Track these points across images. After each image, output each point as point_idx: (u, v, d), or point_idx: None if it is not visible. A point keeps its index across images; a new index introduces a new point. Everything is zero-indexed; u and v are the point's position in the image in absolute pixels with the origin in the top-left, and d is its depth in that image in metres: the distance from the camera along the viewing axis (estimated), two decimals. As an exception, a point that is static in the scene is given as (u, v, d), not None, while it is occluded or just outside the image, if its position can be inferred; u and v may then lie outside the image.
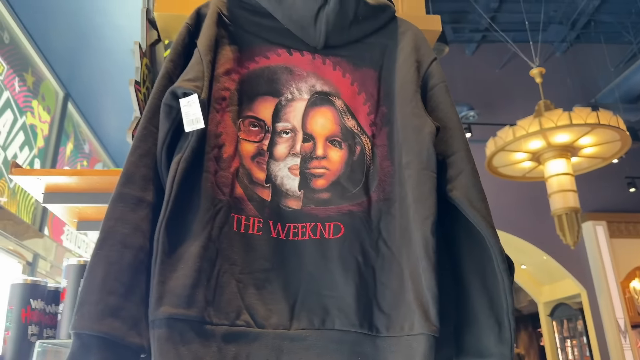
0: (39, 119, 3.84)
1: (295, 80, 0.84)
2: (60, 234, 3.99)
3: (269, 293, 0.72)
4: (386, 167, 0.80)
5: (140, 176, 0.71)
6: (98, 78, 4.36)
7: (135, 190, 0.70)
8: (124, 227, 0.68)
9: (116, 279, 0.65)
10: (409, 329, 0.67)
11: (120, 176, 0.71)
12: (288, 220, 0.77)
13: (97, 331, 0.62)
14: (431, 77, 0.84)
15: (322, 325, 0.71)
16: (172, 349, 0.62)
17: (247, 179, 0.77)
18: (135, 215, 0.69)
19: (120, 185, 0.70)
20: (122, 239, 0.67)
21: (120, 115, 4.99)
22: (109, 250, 0.66)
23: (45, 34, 3.79)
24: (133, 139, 1.24)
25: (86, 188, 1.23)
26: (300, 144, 0.81)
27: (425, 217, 0.70)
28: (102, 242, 0.67)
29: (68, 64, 4.15)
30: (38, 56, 3.84)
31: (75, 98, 4.49)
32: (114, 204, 0.69)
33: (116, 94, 4.59)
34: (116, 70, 4.26)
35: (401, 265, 0.73)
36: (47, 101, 4.01)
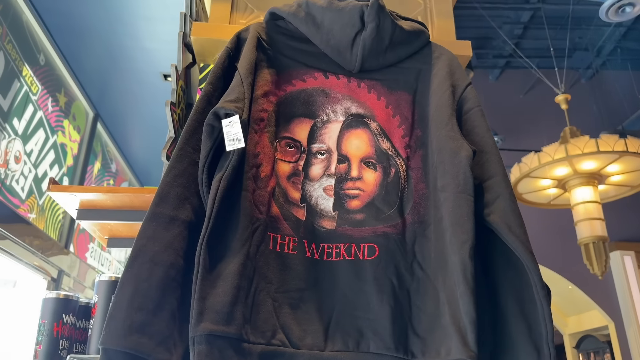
0: (69, 138, 3.94)
1: (331, 103, 0.85)
2: (84, 252, 4.05)
3: (303, 313, 0.72)
4: (421, 190, 0.80)
5: (175, 195, 0.73)
6: (126, 99, 4.48)
7: (169, 209, 0.72)
8: (154, 245, 0.69)
9: (145, 296, 0.66)
10: (446, 354, 0.66)
11: (154, 196, 0.73)
12: (322, 240, 0.77)
13: (123, 347, 0.63)
14: (466, 101, 0.84)
15: (357, 348, 0.70)
16: None
17: (283, 199, 0.78)
18: (167, 233, 0.70)
19: (154, 205, 0.72)
20: (153, 257, 0.68)
21: (147, 136, 5.10)
22: (139, 268, 0.68)
23: (78, 56, 3.92)
24: (169, 159, 1.27)
25: (119, 205, 1.26)
26: (335, 165, 0.82)
27: (463, 241, 0.69)
28: (133, 260, 0.68)
29: (99, 85, 4.27)
30: (71, 77, 3.96)
31: (105, 118, 4.61)
32: (147, 223, 0.71)
33: (143, 115, 4.70)
34: (144, 93, 4.37)
35: (437, 288, 0.72)
36: (77, 121, 4.13)
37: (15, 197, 3.08)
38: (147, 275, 0.67)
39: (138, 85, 4.29)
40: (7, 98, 3.08)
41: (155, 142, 5.15)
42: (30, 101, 3.33)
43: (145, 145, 5.38)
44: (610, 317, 6.63)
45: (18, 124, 3.15)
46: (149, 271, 0.67)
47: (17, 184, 3.15)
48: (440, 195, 0.76)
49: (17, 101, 3.15)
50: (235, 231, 0.71)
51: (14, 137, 3.10)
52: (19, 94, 3.18)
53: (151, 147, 5.34)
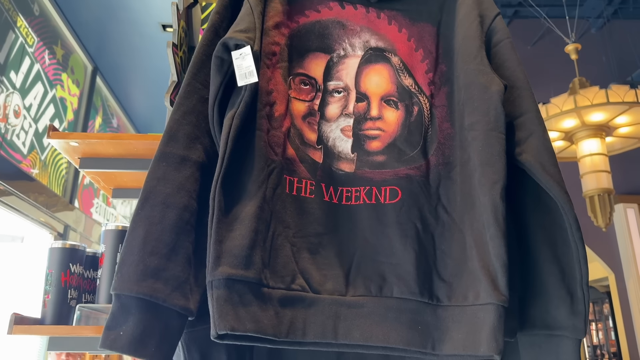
0: (68, 92, 3.86)
1: (348, 35, 0.79)
2: (89, 207, 4.04)
3: (322, 258, 0.69)
4: (446, 129, 0.75)
5: (184, 134, 0.68)
6: (126, 52, 4.36)
7: (179, 149, 0.67)
8: (166, 187, 0.65)
9: (158, 239, 0.63)
10: (474, 299, 0.63)
11: (163, 135, 0.68)
12: (341, 183, 0.73)
13: (136, 292, 0.60)
14: (495, 32, 0.78)
15: (380, 293, 0.67)
16: (231, 311, 0.59)
17: (298, 140, 0.73)
18: (179, 174, 0.66)
19: (163, 144, 0.67)
20: (164, 199, 0.64)
21: (148, 90, 5.00)
22: (151, 210, 0.64)
23: (74, 6, 3.78)
24: (172, 104, 1.21)
25: (122, 153, 1.21)
26: (354, 103, 0.76)
27: (494, 181, 0.65)
28: (143, 202, 0.64)
29: (96, 37, 4.15)
30: (67, 28, 3.84)
31: (104, 72, 4.50)
32: (157, 164, 0.66)
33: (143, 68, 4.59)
34: (144, 44, 4.25)
35: (463, 232, 0.68)
36: (76, 74, 4.03)
37: (17, 152, 3.03)
38: (159, 218, 0.63)
39: (137, 37, 4.16)
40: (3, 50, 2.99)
41: (157, 96, 5.05)
42: (26, 53, 3.23)
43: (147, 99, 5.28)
44: (611, 269, 6.69)
45: (15, 77, 3.07)
46: (161, 214, 0.63)
47: (18, 138, 3.10)
48: (467, 135, 0.71)
49: (13, 53, 3.05)
50: (250, 173, 0.66)
51: (12, 91, 3.03)
52: (15, 46, 3.08)
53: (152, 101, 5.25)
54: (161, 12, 3.85)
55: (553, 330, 0.66)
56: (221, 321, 0.59)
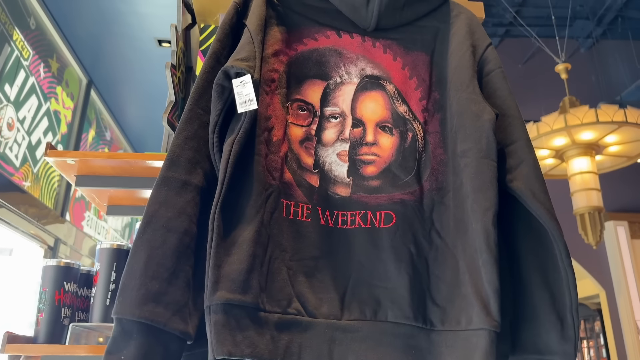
0: (62, 105, 3.86)
1: (345, 63, 0.81)
2: (81, 220, 4.02)
3: (318, 281, 0.70)
4: (439, 155, 0.77)
5: (186, 159, 0.69)
6: (120, 66, 4.38)
7: (181, 174, 0.68)
8: (167, 211, 0.66)
9: (159, 264, 0.64)
10: (467, 324, 0.64)
11: (165, 160, 0.69)
12: (337, 207, 0.74)
13: (137, 317, 0.61)
14: (487, 62, 0.80)
15: (374, 317, 0.68)
16: (228, 336, 0.60)
17: (295, 164, 0.75)
18: (180, 198, 0.67)
19: (165, 169, 0.69)
20: (166, 223, 0.65)
21: (141, 104, 5.01)
22: (152, 235, 0.65)
23: (70, 20, 3.81)
24: (170, 124, 1.22)
25: (118, 171, 1.22)
26: (350, 129, 0.78)
27: (486, 208, 0.66)
28: (145, 226, 0.65)
29: (91, 50, 4.17)
30: (62, 42, 3.86)
31: (98, 85, 4.52)
32: (158, 188, 0.67)
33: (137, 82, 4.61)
34: (138, 58, 4.27)
35: (456, 257, 0.70)
36: (70, 88, 4.04)
37: (9, 164, 3.03)
38: (160, 242, 0.64)
39: (132, 52, 4.18)
40: (-2, 63, 2.99)
41: (150, 110, 5.06)
42: (21, 66, 3.24)
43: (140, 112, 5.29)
44: (602, 286, 6.73)
45: (10, 90, 3.07)
46: (163, 238, 0.64)
47: (11, 151, 3.09)
48: (460, 161, 0.72)
49: (8, 66, 3.06)
50: (248, 197, 0.67)
51: (6, 104, 3.03)
52: (10, 58, 3.09)
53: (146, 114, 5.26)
54: (156, 27, 3.88)
55: (544, 355, 0.67)
56: (219, 346, 0.59)
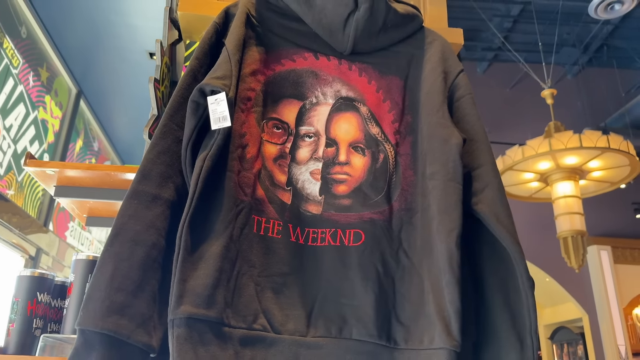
0: (50, 115, 3.86)
1: (321, 85, 0.83)
2: (64, 230, 3.98)
3: (286, 298, 0.71)
4: (409, 177, 0.79)
5: (158, 173, 0.70)
6: (111, 77, 4.39)
7: (151, 188, 0.69)
8: (136, 224, 0.67)
9: (125, 276, 0.64)
10: (429, 343, 0.66)
11: (136, 173, 0.70)
12: (308, 225, 0.76)
13: (100, 328, 0.61)
14: (458, 88, 0.83)
15: (339, 334, 0.69)
16: (190, 350, 0.61)
17: (268, 181, 0.76)
18: (149, 212, 0.68)
19: (136, 183, 0.70)
20: (134, 236, 0.66)
21: (130, 115, 5.02)
22: (120, 247, 0.66)
23: (61, 30, 3.82)
24: (151, 137, 1.24)
25: (98, 183, 1.22)
26: (323, 148, 0.80)
27: (450, 229, 0.68)
28: (113, 238, 0.66)
29: (82, 61, 4.18)
30: (53, 52, 3.86)
31: (88, 95, 4.52)
32: (128, 201, 0.68)
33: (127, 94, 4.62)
34: (128, 70, 4.29)
35: (421, 277, 0.71)
36: (59, 97, 4.04)
37: (-7, 172, 3.01)
38: (127, 255, 0.65)
39: (123, 63, 4.20)
40: (-14, 71, 2.99)
41: (139, 122, 5.07)
42: (10, 74, 3.24)
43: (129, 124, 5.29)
44: (585, 310, 6.77)
45: (-3, 97, 3.06)
46: (130, 250, 0.65)
47: (-5, 159, 3.07)
48: (428, 183, 0.75)
49: (-3, 74, 3.06)
50: (218, 213, 0.69)
51: (-8, 111, 3.02)
52: (-1, 66, 3.09)
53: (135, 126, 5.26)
54: (148, 40, 3.91)
55: None
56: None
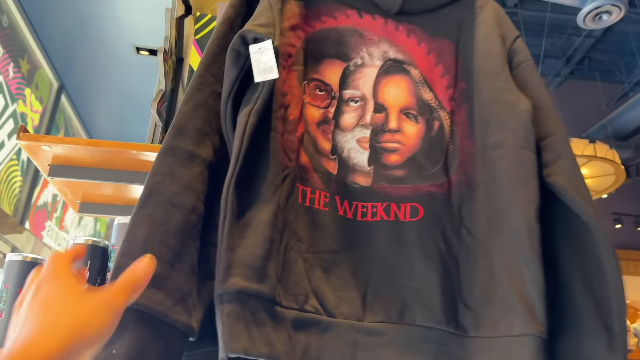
0: (30, 108, 3.69)
1: (367, 45, 0.75)
2: (41, 230, 3.80)
3: (336, 278, 0.61)
4: (467, 147, 0.70)
5: (194, 129, 0.61)
6: (95, 72, 4.24)
7: (188, 144, 0.60)
8: (172, 184, 0.57)
9: (161, 242, 0.54)
10: (507, 329, 0.57)
11: (170, 128, 0.61)
12: (356, 198, 0.67)
13: (134, 303, 0.50)
14: (516, 53, 0.75)
15: (401, 320, 0.60)
16: (243, 330, 0.51)
17: (312, 147, 0.67)
18: (187, 171, 0.59)
19: (171, 137, 0.60)
20: (170, 197, 0.56)
21: (113, 113, 4.86)
22: (154, 209, 0.56)
23: (45, 21, 3.67)
24: (159, 113, 1.13)
25: (99, 162, 1.11)
26: (371, 114, 0.71)
27: (527, 201, 0.60)
28: (146, 198, 0.56)
29: (65, 54, 4.02)
30: (35, 43, 3.71)
31: (70, 90, 4.36)
32: (163, 158, 0.59)
33: (111, 90, 4.47)
34: (113, 65, 4.15)
35: (490, 256, 0.63)
36: (40, 91, 3.87)
37: (-32, 165, 2.84)
38: (163, 219, 0.55)
39: (108, 58, 4.06)
40: (-36, 58, 2.84)
41: (122, 120, 4.91)
42: (-11, 63, 3.09)
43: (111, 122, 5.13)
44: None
45: (-25, 86, 2.91)
46: (166, 213, 0.55)
47: (-29, 151, 2.91)
48: (492, 153, 0.66)
49: (-25, 61, 2.90)
50: (264, 176, 0.59)
51: (-31, 100, 2.86)
52: (-22, 54, 2.94)
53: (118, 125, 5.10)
54: (135, 34, 3.78)
55: None
56: (233, 342, 0.50)
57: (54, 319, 0.40)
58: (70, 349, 0.39)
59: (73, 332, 0.40)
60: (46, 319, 0.40)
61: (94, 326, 0.41)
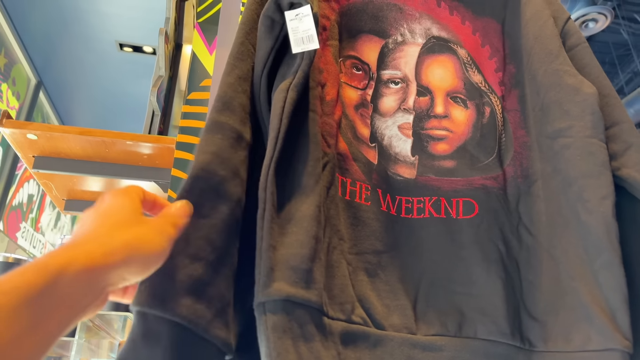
0: (6, 104, 3.52)
1: (407, 20, 0.67)
2: (15, 231, 3.63)
3: (383, 283, 0.53)
4: (521, 137, 0.63)
5: (240, 105, 0.52)
6: (75, 68, 4.08)
7: (235, 122, 0.50)
8: (221, 167, 0.47)
9: (206, 240, 0.45)
10: (583, 343, 0.49)
11: (215, 100, 0.51)
12: (399, 192, 0.59)
13: (172, 314, 0.41)
14: (570, 35, 0.68)
15: (459, 332, 0.52)
16: (291, 348, 0.41)
17: (350, 133, 0.59)
18: (235, 154, 0.49)
19: (217, 112, 0.50)
20: (218, 185, 0.47)
21: (94, 111, 4.70)
22: (200, 196, 0.46)
23: (24, 14, 3.51)
24: (159, 99, 1.03)
25: (90, 154, 1.01)
26: (414, 97, 0.63)
27: (602, 196, 0.52)
28: (192, 182, 0.46)
29: (45, 49, 3.86)
30: (13, 36, 3.55)
31: (48, 87, 4.19)
32: (210, 134, 0.49)
33: (92, 88, 4.31)
34: (96, 62, 4.00)
35: (554, 258, 0.55)
36: (17, 86, 3.70)
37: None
38: (209, 209, 0.45)
39: (89, 54, 3.91)
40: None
41: (102, 119, 4.74)
42: (-37, 55, 2.93)
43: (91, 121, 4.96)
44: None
45: (-52, 78, 2.74)
46: (212, 204, 0.46)
47: (-58, 147, 2.74)
48: (552, 144, 0.59)
49: (-51, 52, 2.75)
50: (305, 162, 0.50)
51: (-59, 93, 2.70)
52: (-48, 44, 2.78)
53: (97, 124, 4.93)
54: (119, 29, 3.65)
55: None
56: None
57: (109, 228, 0.37)
58: (117, 264, 0.35)
59: (126, 247, 0.36)
60: (102, 226, 0.37)
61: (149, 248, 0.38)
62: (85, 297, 0.33)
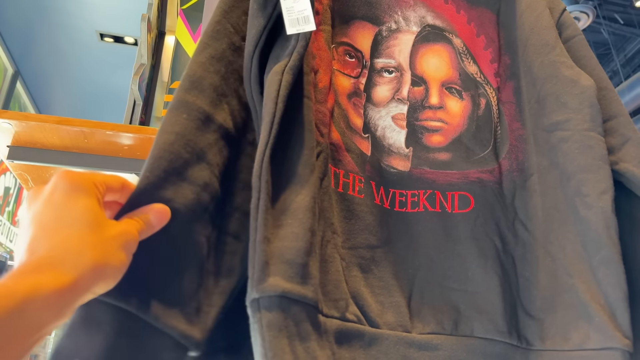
0: (-19, 94, 3.42)
1: (401, 7, 0.65)
2: (-9, 225, 3.53)
3: (376, 279, 0.51)
4: (517, 130, 0.61)
5: (211, 85, 0.49)
6: (54, 58, 3.98)
7: (204, 102, 0.48)
8: (184, 149, 0.45)
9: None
10: (582, 342, 0.48)
11: (182, 79, 0.48)
12: (392, 184, 0.57)
13: (115, 299, 0.38)
14: (565, 27, 0.66)
15: (455, 330, 0.50)
16: (287, 347, 0.39)
17: (343, 123, 0.57)
18: (201, 136, 0.46)
19: (184, 91, 0.48)
20: (181, 168, 0.44)
21: (73, 103, 4.60)
22: (159, 179, 0.43)
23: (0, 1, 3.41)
24: (141, 88, 0.99)
25: (68, 145, 0.97)
26: (409, 87, 0.61)
27: (601, 191, 0.51)
28: (154, 161, 0.43)
29: (22, 38, 3.75)
30: (-11, 24, 3.44)
31: (26, 77, 4.08)
32: (175, 113, 0.46)
33: (72, 78, 4.21)
34: (75, 52, 3.90)
35: (551, 255, 0.53)
36: (-7, 75, 3.60)
37: None
38: (171, 194, 0.43)
39: (69, 44, 3.81)
40: None
41: (82, 111, 4.64)
42: (-64, 42, 2.83)
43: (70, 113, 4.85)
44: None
45: None
46: (175, 187, 0.43)
47: None
48: (549, 137, 0.57)
49: None
50: (300, 151, 0.47)
51: None
52: None
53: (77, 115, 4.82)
54: (100, 18, 3.56)
55: None
56: None
57: (76, 242, 0.33)
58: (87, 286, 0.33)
59: (96, 267, 0.33)
60: (69, 240, 0.33)
61: (119, 261, 0.35)
62: (54, 319, 0.31)
